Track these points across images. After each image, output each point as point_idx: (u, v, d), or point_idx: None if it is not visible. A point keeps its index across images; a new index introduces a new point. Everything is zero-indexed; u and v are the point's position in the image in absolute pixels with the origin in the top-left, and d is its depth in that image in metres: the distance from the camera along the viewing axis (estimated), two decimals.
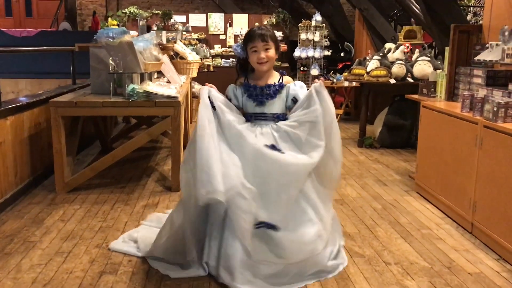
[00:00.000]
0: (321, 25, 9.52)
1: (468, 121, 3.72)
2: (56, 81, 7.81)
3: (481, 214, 3.52)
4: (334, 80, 8.86)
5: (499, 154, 3.30)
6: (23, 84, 8.34)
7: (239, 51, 3.05)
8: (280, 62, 12.30)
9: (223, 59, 11.66)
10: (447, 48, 4.66)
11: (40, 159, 4.85)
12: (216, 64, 11.23)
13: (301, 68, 9.68)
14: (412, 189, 4.78)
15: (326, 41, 9.64)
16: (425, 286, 2.89)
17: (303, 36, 9.50)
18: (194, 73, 7.42)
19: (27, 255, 3.23)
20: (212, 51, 11.72)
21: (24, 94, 7.64)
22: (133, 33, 11.87)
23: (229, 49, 12.27)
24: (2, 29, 9.39)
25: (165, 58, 5.78)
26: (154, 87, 4.80)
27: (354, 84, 8.04)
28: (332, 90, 9.29)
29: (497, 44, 3.96)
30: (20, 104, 4.45)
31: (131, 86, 4.54)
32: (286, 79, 3.08)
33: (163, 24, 8.95)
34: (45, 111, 4.87)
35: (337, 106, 9.28)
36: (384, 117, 6.69)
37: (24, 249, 3.33)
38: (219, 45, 12.15)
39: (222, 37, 12.46)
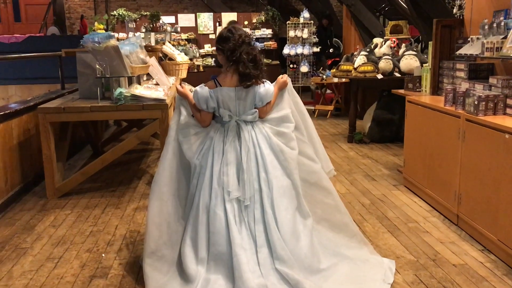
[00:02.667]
0: (309, 22, 9.56)
1: (451, 115, 3.78)
2: (46, 86, 7.82)
3: (466, 206, 3.58)
4: (324, 76, 8.90)
5: (481, 147, 3.36)
6: (13, 90, 8.35)
7: None
8: (270, 60, 12.35)
9: (213, 59, 11.70)
10: (430, 43, 4.71)
11: (30, 165, 4.88)
12: (206, 63, 11.26)
13: (291, 66, 9.72)
14: (400, 183, 4.84)
15: (314, 37, 9.68)
16: (411, 279, 2.95)
17: (291, 33, 9.54)
18: (184, 74, 7.43)
19: (18, 262, 3.27)
20: (202, 50, 11.75)
21: (14, 100, 7.65)
22: (122, 35, 11.84)
23: None
24: None
25: (153, 61, 5.79)
26: (142, 90, 4.83)
27: (344, 80, 8.08)
28: (322, 86, 9.35)
29: (477, 38, 4.02)
30: (8, 111, 4.47)
31: (118, 90, 4.56)
32: None
33: (151, 26, 8.95)
34: (34, 118, 4.89)
35: (327, 102, 9.35)
36: (373, 112, 6.74)
37: (15, 256, 3.37)
38: (209, 45, 12.17)
39: (211, 36, 12.47)
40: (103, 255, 3.35)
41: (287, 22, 9.73)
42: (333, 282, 2.84)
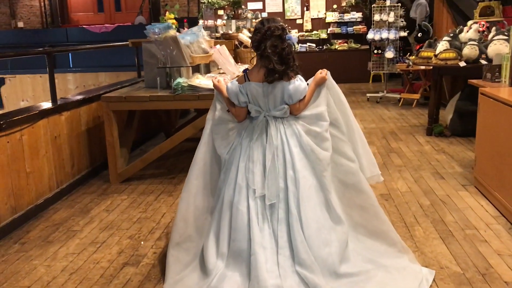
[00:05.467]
0: (396, 4, 9.01)
1: None
2: (132, 73, 8.23)
3: None
4: (410, 63, 8.36)
5: None
6: (103, 77, 8.94)
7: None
8: (359, 45, 11.90)
9: (299, 44, 11.54)
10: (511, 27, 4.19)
11: (99, 150, 5.15)
12: None
13: (375, 51, 9.26)
14: (471, 184, 4.40)
15: (402, 21, 9.12)
16: None
17: (376, 17, 9.07)
18: None
19: (65, 244, 3.47)
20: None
21: (102, 86, 8.16)
22: (211, 22, 12.04)
23: (306, 34, 12.10)
24: (84, 26, 10.11)
25: (222, 49, 5.81)
26: (202, 80, 4.87)
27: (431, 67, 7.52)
28: (408, 74, 8.81)
29: None
30: (75, 99, 4.74)
31: (177, 80, 4.64)
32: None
33: (233, 13, 9.00)
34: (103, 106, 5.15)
35: (414, 91, 8.79)
36: (455, 103, 6.20)
37: (65, 238, 3.58)
38: (296, 30, 12.02)
39: (299, 21, 12.31)
40: (141, 242, 3.45)
41: (372, 6, 9.26)
42: None
